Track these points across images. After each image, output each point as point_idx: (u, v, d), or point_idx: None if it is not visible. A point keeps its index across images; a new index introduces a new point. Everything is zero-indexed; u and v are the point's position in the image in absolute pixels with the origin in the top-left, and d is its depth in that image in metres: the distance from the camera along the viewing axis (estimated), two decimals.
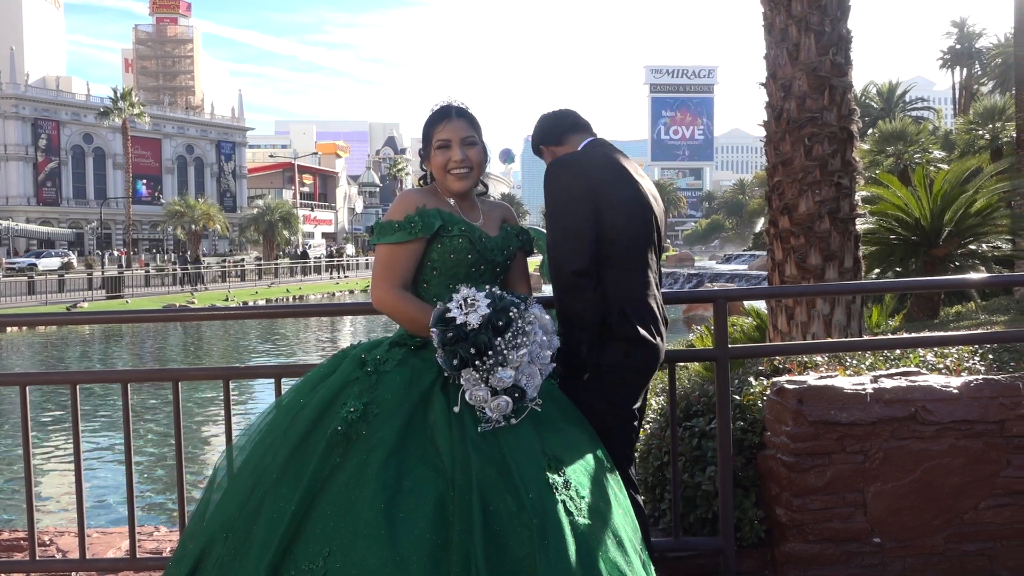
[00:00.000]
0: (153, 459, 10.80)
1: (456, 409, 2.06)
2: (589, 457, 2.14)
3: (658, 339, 2.45)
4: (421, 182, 2.51)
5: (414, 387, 2.13)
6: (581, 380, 2.38)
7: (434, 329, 2.12)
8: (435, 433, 2.04)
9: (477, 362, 2.04)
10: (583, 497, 2.01)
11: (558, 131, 2.68)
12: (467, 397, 2.05)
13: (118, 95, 50.86)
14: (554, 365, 2.20)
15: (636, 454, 3.03)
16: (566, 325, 2.35)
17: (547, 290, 2.65)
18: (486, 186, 2.54)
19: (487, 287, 2.19)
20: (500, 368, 2.04)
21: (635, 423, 2.54)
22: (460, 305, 2.10)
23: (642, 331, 2.38)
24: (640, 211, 2.48)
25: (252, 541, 1.96)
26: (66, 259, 45.06)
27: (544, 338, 2.15)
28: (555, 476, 2.00)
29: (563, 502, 1.96)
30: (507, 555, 1.86)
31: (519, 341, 2.08)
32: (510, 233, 2.47)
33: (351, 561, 1.85)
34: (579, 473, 2.06)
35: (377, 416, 2.06)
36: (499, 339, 2.07)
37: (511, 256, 2.46)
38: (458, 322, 2.08)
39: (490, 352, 2.05)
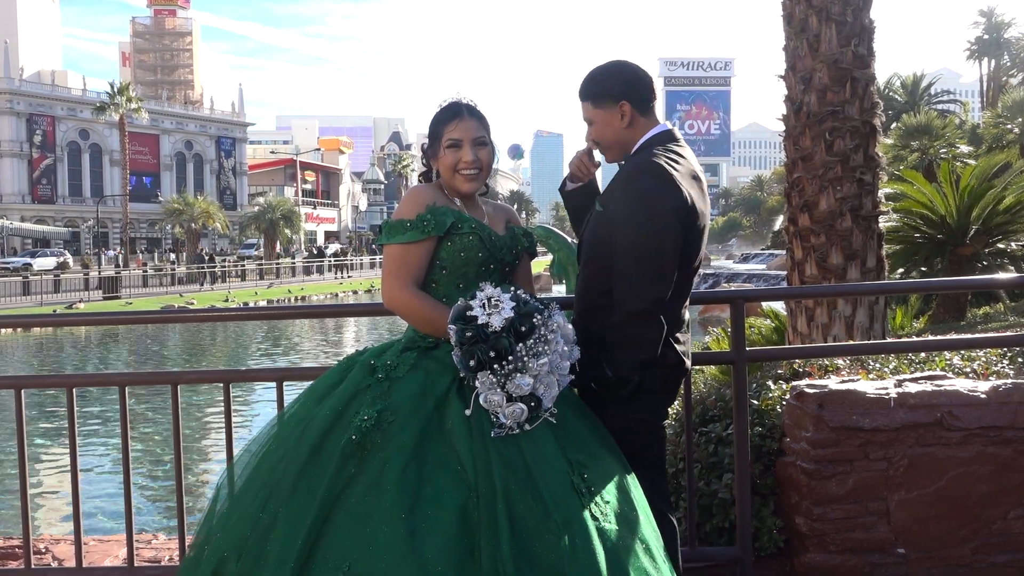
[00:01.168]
0: (151, 465, 10.73)
1: (467, 412, 1.99)
2: (610, 462, 2.09)
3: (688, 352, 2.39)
4: (422, 178, 2.44)
5: (429, 392, 2.07)
6: (609, 399, 2.25)
7: (452, 326, 2.04)
8: (454, 439, 1.99)
9: (496, 366, 1.97)
10: (607, 502, 1.97)
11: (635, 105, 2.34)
12: (481, 400, 1.99)
13: (115, 90, 50.19)
14: (572, 377, 2.11)
15: None
16: (625, 347, 2.19)
17: (557, 291, 2.56)
18: (487, 186, 2.47)
19: (512, 289, 2.11)
20: (519, 374, 1.97)
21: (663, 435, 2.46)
22: (483, 304, 2.03)
23: (684, 358, 2.31)
24: (702, 236, 2.34)
25: (267, 558, 1.91)
26: (62, 259, 44.57)
27: (565, 348, 2.07)
28: (578, 481, 1.96)
29: (589, 507, 1.92)
30: (535, 562, 1.82)
31: (540, 349, 2.01)
32: (517, 233, 2.41)
33: (373, 575, 1.79)
34: (602, 478, 2.02)
35: (392, 423, 2.00)
36: (520, 345, 1.99)
37: (519, 256, 2.40)
38: (479, 322, 2.01)
39: (510, 357, 1.97)
